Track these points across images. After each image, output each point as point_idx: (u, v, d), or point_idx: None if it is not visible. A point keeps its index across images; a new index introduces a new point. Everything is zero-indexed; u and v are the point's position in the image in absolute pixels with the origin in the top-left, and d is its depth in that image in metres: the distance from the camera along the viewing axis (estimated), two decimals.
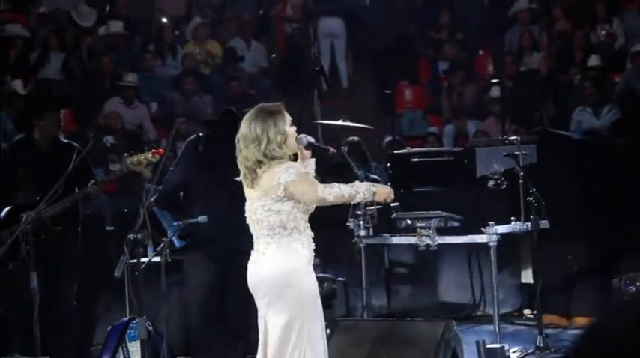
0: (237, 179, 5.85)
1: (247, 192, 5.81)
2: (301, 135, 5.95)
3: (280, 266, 5.69)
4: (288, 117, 5.77)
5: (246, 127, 5.73)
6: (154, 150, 7.51)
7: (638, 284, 8.75)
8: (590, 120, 11.41)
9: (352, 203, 6.12)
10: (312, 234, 5.78)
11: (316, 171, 6.07)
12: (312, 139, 6.02)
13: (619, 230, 9.21)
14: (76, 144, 7.92)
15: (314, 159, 6.01)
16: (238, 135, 5.77)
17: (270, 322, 5.71)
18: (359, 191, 5.79)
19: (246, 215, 5.84)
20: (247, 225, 7.33)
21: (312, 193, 5.69)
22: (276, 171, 5.66)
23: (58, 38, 13.97)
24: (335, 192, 5.72)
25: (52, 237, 7.66)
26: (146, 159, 7.48)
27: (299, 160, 5.96)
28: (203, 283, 7.51)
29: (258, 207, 5.73)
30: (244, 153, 5.72)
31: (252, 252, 5.88)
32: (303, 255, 5.70)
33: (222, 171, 7.50)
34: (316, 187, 5.70)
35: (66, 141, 8.00)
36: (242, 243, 7.44)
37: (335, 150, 6.12)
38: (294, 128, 5.80)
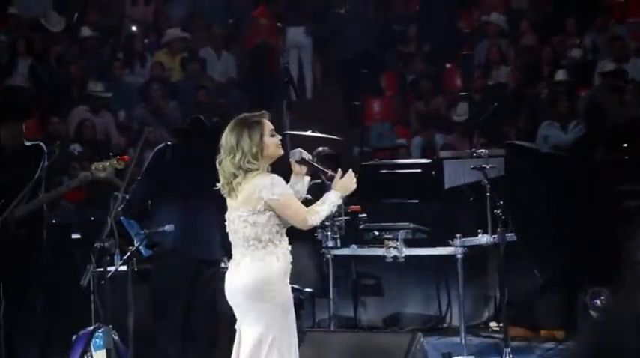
0: (217, 187, 5.80)
1: (227, 200, 5.79)
2: (296, 149, 5.92)
3: (253, 278, 5.66)
4: (267, 127, 5.72)
5: (224, 138, 5.72)
6: (118, 157, 7.45)
7: (602, 298, 8.80)
8: (557, 135, 11.47)
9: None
10: (289, 247, 5.76)
11: (308, 191, 6.03)
12: (307, 156, 5.93)
13: (584, 243, 9.26)
14: (42, 145, 7.83)
15: (307, 178, 5.98)
16: (220, 145, 5.76)
17: (244, 332, 5.70)
18: (333, 203, 5.76)
19: (226, 223, 5.82)
20: (214, 234, 7.36)
21: (300, 222, 5.70)
22: (258, 183, 5.62)
23: (27, 45, 13.89)
24: (320, 218, 5.73)
25: (14, 241, 7.57)
26: (111, 165, 7.41)
27: (292, 176, 5.94)
28: (169, 292, 7.49)
29: (236, 217, 5.70)
30: (222, 163, 5.71)
31: (230, 261, 5.86)
32: (277, 268, 5.67)
33: (190, 180, 7.50)
34: (304, 217, 5.68)
35: (30, 143, 7.89)
36: (208, 253, 7.47)
37: (335, 174, 5.89)
38: (276, 138, 5.75)
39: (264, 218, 5.63)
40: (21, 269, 7.61)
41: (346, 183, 5.83)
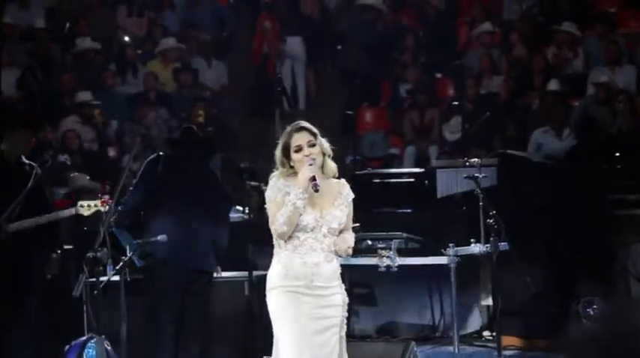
0: None
1: None
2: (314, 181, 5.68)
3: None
4: (294, 142, 5.70)
5: None
6: (102, 200, 7.44)
7: (595, 307, 8.81)
8: (552, 142, 11.45)
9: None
10: (299, 254, 5.67)
11: None
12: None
13: (577, 252, 9.27)
14: (34, 165, 7.84)
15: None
16: None
17: None
18: (290, 201, 5.59)
19: None
20: (207, 244, 7.37)
21: (273, 231, 5.67)
22: None
23: (18, 54, 13.90)
24: (280, 223, 5.58)
25: (8, 260, 7.55)
26: (95, 206, 7.45)
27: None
28: (162, 302, 7.48)
29: None
30: None
31: None
32: (276, 270, 5.68)
33: (182, 190, 7.50)
34: (272, 227, 5.65)
35: (27, 161, 7.90)
36: (201, 263, 7.46)
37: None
38: (300, 154, 5.69)
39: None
40: (16, 282, 7.59)
41: (304, 176, 5.63)
